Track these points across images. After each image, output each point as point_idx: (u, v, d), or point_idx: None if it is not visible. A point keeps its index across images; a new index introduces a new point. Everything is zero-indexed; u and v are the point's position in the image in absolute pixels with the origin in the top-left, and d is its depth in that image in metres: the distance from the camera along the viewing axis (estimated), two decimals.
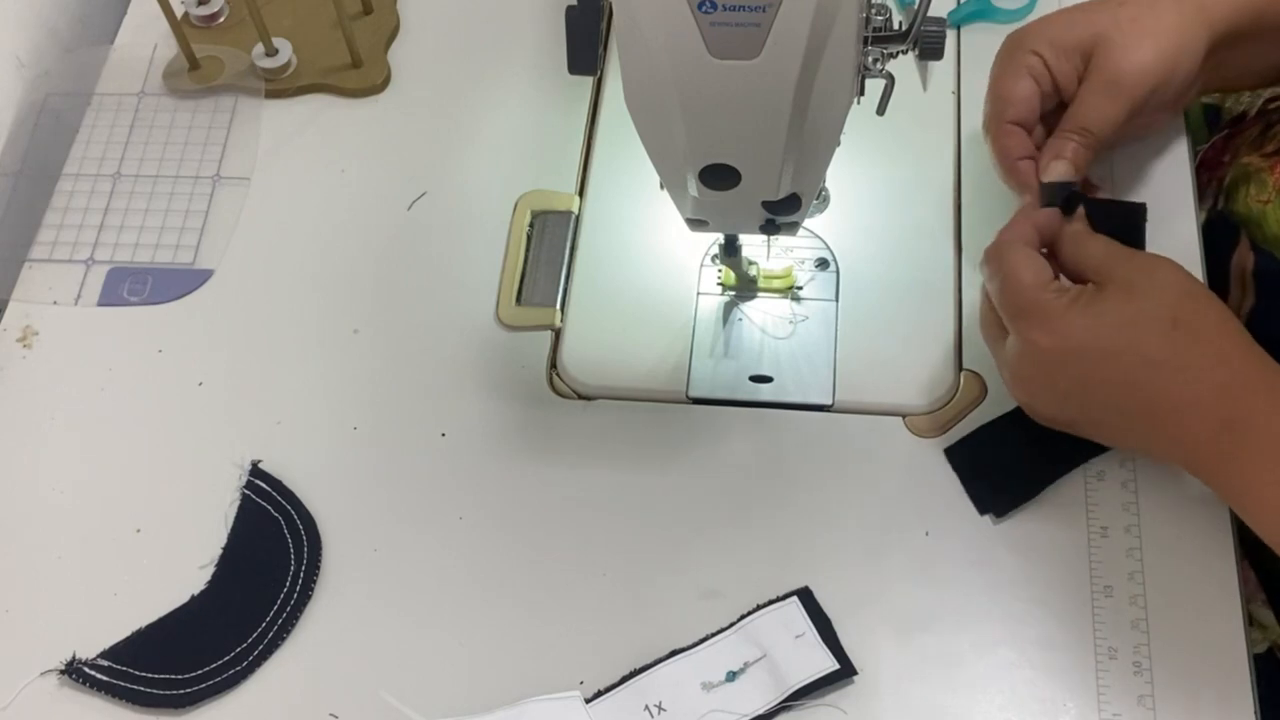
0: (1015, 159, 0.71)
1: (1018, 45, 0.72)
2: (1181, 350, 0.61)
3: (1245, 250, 0.74)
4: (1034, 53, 0.71)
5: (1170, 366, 0.61)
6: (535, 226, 0.80)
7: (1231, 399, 0.60)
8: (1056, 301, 0.62)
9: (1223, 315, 0.62)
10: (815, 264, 0.76)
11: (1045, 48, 0.71)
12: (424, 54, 0.87)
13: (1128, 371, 0.61)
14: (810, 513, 0.68)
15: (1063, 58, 0.70)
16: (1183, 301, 0.62)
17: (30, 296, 0.79)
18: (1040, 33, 0.71)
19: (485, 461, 0.71)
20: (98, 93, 0.87)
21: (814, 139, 0.56)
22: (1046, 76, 0.71)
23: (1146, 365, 0.61)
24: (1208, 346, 0.61)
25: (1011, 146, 0.71)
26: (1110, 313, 0.62)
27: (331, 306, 0.77)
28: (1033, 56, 0.71)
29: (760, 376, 0.73)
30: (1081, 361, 0.62)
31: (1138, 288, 0.62)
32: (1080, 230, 0.67)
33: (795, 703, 0.63)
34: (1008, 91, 0.71)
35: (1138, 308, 0.62)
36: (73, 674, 0.66)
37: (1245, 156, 0.77)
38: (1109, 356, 0.62)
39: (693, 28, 0.50)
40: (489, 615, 0.67)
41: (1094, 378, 0.62)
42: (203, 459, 0.72)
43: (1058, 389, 0.64)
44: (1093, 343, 0.62)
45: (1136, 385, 0.61)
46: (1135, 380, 0.61)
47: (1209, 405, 0.60)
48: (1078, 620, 0.64)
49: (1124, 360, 0.61)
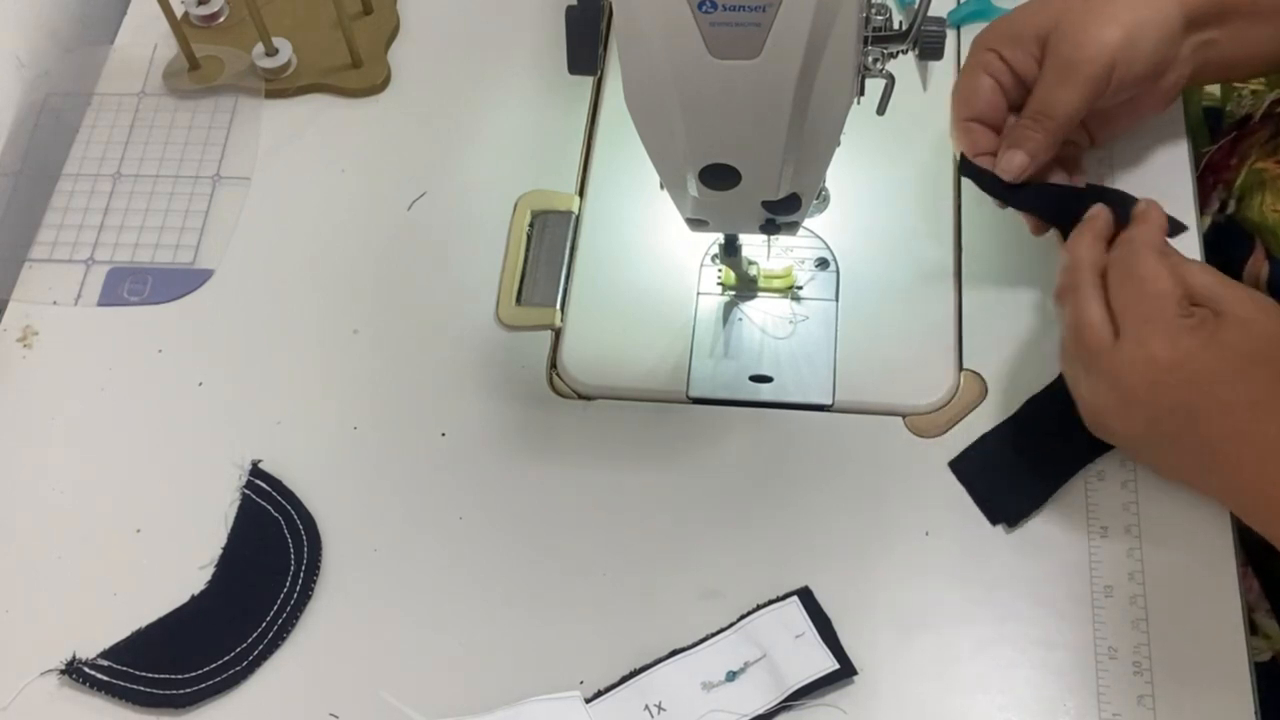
0: (974, 156, 0.71)
1: (976, 45, 0.72)
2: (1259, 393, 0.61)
3: (1260, 260, 0.74)
4: (990, 49, 0.71)
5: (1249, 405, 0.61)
6: (535, 226, 0.80)
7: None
8: (1186, 320, 0.62)
9: None
10: (815, 264, 0.76)
11: (1001, 43, 0.71)
12: (424, 54, 0.87)
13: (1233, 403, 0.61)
14: (810, 513, 0.68)
15: (1019, 49, 0.70)
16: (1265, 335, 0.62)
17: (30, 296, 0.79)
18: (997, 29, 0.72)
19: (485, 461, 0.71)
20: (98, 93, 0.87)
21: (814, 139, 0.56)
22: (1005, 71, 0.71)
23: (1251, 406, 0.61)
24: None
25: (970, 144, 0.72)
26: (1231, 345, 0.61)
27: (331, 306, 0.77)
28: (988, 54, 0.71)
29: (760, 376, 0.73)
30: (1191, 386, 0.61)
31: (1256, 327, 0.62)
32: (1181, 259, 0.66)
33: (795, 703, 0.63)
34: (964, 90, 0.72)
35: (1255, 348, 0.61)
36: (73, 674, 0.66)
37: (1259, 162, 0.76)
38: (1221, 383, 0.61)
39: (693, 28, 0.50)
40: (489, 615, 0.67)
41: (1198, 403, 0.61)
42: (203, 459, 0.72)
43: (1158, 406, 0.62)
44: (1207, 370, 0.61)
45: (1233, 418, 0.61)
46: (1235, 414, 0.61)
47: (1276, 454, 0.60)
48: (1078, 620, 0.64)
49: (1233, 393, 0.61)
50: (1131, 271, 0.64)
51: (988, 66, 0.71)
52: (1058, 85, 0.68)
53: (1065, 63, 0.68)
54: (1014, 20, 0.71)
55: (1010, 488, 0.68)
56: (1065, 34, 0.68)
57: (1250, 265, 0.74)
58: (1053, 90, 0.69)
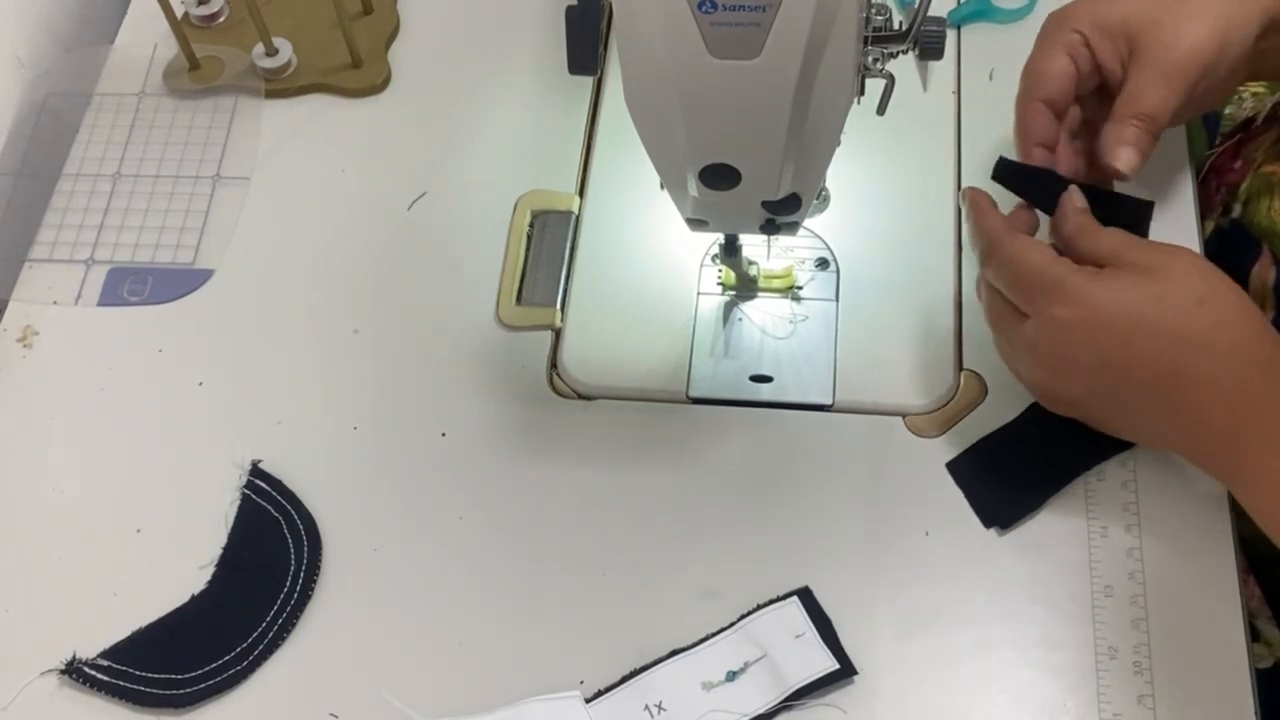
0: (1034, 144, 0.69)
1: (1058, 24, 0.69)
2: (1206, 329, 0.60)
3: (1267, 264, 0.74)
4: (1076, 31, 0.68)
5: (1195, 343, 0.60)
6: (535, 226, 0.80)
7: (1251, 383, 0.60)
8: (1077, 276, 0.62)
9: (1245, 300, 0.62)
10: (815, 264, 0.76)
11: (1088, 26, 0.68)
12: (424, 54, 0.87)
13: (1153, 344, 0.61)
14: (810, 513, 0.68)
15: (1106, 38, 0.68)
16: (1207, 282, 0.61)
17: (30, 296, 0.79)
18: (1084, 11, 0.69)
19: (485, 461, 0.71)
20: (98, 93, 0.87)
21: (814, 139, 0.56)
22: (1087, 56, 0.68)
23: (1173, 340, 0.60)
24: (1232, 330, 0.61)
25: (1034, 128, 0.69)
26: (1134, 288, 0.61)
27: (331, 306, 0.77)
28: (1074, 34, 0.68)
29: (760, 376, 0.73)
30: (1108, 333, 0.61)
31: (1158, 269, 0.61)
32: (1091, 222, 0.65)
33: (795, 702, 0.63)
34: (1042, 68, 0.69)
35: (1163, 286, 0.61)
36: (73, 674, 0.66)
37: (1266, 165, 0.76)
38: (1136, 330, 0.61)
39: (693, 28, 0.50)
40: (489, 615, 0.67)
41: (1118, 351, 0.62)
42: (203, 459, 0.72)
43: (1080, 364, 0.63)
44: (1119, 315, 0.61)
45: (1160, 360, 0.61)
46: (1160, 354, 0.61)
47: (1229, 387, 0.60)
48: (1078, 620, 0.64)
49: (1150, 333, 0.61)
50: (1001, 258, 0.64)
51: (1071, 48, 0.68)
52: (1159, 85, 0.66)
53: (1164, 62, 0.66)
54: (1102, 7, 0.68)
55: (1007, 491, 0.68)
56: (1160, 34, 0.66)
57: (1257, 270, 0.74)
58: (1154, 91, 0.66)
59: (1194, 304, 0.61)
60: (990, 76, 0.81)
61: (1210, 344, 0.60)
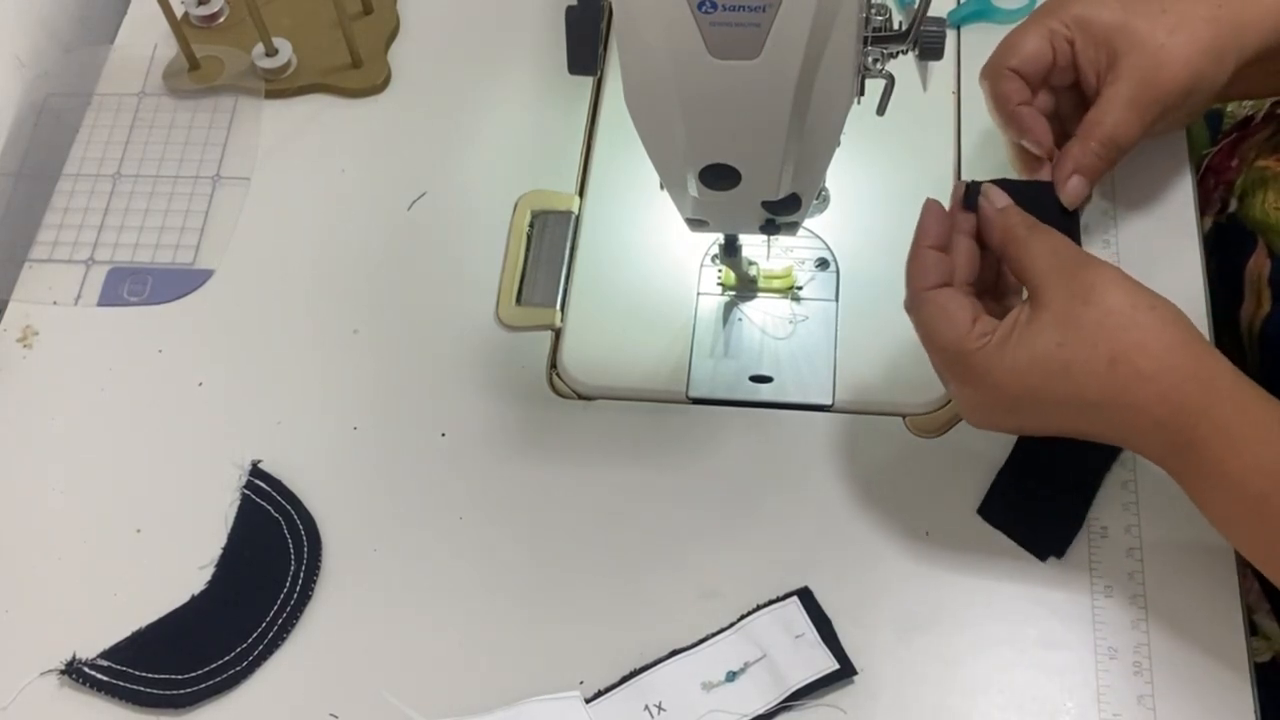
0: (1014, 104, 0.69)
1: (1049, 10, 0.69)
2: (1121, 390, 0.58)
3: (1262, 257, 0.74)
4: (1063, 24, 0.68)
5: (1112, 406, 0.59)
6: (535, 226, 0.80)
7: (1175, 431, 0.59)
8: (981, 353, 0.60)
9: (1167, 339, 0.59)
10: (815, 264, 0.76)
11: (1075, 25, 0.68)
12: (424, 54, 0.87)
13: (1068, 411, 0.60)
14: (810, 513, 0.68)
15: (1089, 43, 0.67)
16: (1123, 334, 0.58)
17: (30, 296, 0.79)
18: (1076, 7, 0.68)
19: (485, 461, 0.71)
20: (98, 93, 0.87)
21: (814, 139, 0.56)
22: (1067, 51, 0.68)
23: (1087, 407, 0.59)
24: (1149, 385, 0.58)
25: (1010, 92, 0.69)
26: (1043, 359, 0.58)
27: (331, 306, 0.77)
28: (1060, 25, 0.68)
29: (760, 376, 0.73)
30: (1020, 406, 0.61)
31: (1073, 320, 0.58)
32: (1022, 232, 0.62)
33: (795, 703, 0.63)
34: (1018, 42, 0.69)
35: (1073, 352, 0.58)
36: (73, 674, 0.66)
37: (1261, 161, 0.76)
38: (1047, 404, 0.60)
39: (693, 28, 0.50)
40: (489, 615, 0.67)
41: (1037, 416, 0.61)
42: (203, 459, 0.72)
43: (1009, 425, 0.64)
44: (1028, 393, 0.59)
45: (1081, 421, 0.61)
46: (1078, 418, 0.61)
47: (1154, 437, 0.60)
48: (1078, 620, 0.64)
49: (1063, 404, 0.60)
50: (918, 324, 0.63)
51: (1053, 34, 0.68)
52: (1129, 116, 0.66)
53: (1138, 96, 0.66)
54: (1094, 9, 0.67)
55: (1045, 519, 0.67)
56: (1142, 64, 0.66)
57: (1252, 263, 0.74)
58: (1124, 121, 0.66)
59: (1107, 366, 0.58)
60: None
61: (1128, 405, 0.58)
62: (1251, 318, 0.75)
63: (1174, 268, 0.73)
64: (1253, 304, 0.75)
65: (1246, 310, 0.75)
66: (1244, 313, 0.76)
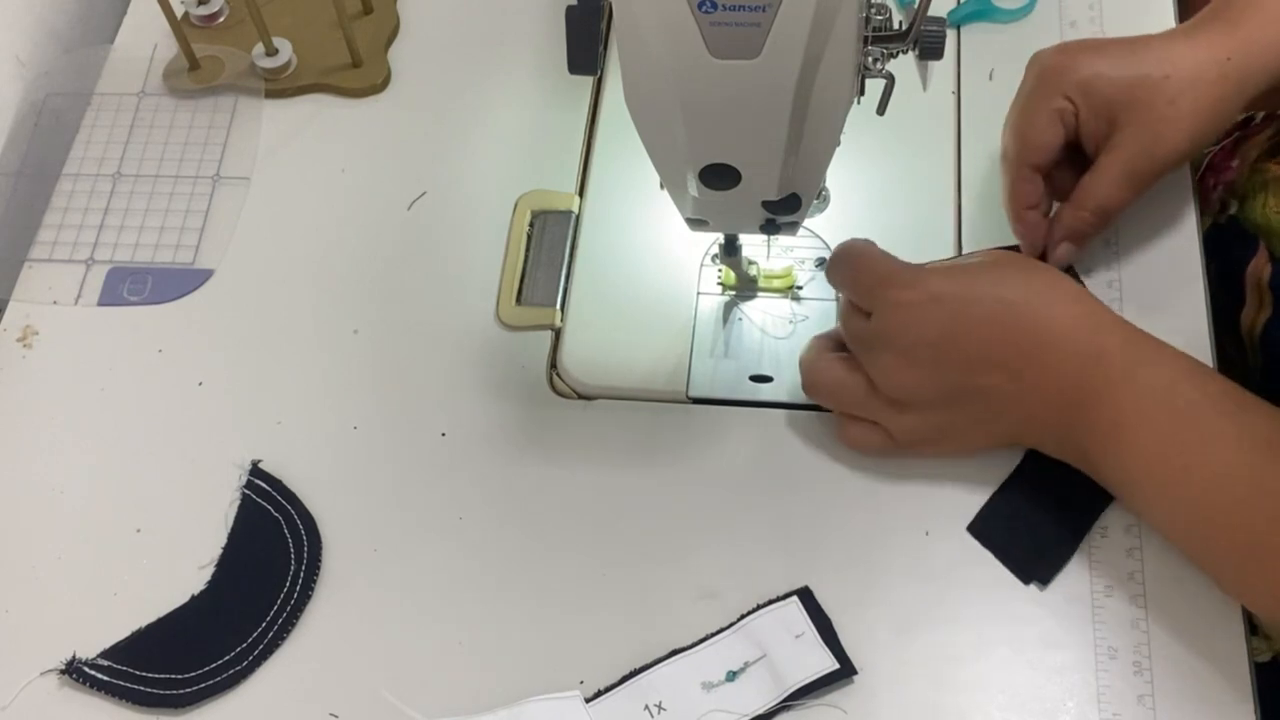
0: (1025, 207, 0.71)
1: (1052, 84, 0.69)
2: (1039, 290, 0.63)
3: (1263, 260, 0.74)
4: (1067, 98, 0.69)
5: (1031, 303, 0.63)
6: (535, 226, 0.80)
7: (1093, 331, 0.62)
8: (909, 266, 0.66)
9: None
10: (815, 264, 0.76)
11: (1079, 95, 0.68)
12: (424, 54, 0.87)
13: (990, 311, 0.63)
14: (810, 513, 0.68)
15: (1092, 115, 0.69)
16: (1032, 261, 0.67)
17: (30, 296, 0.79)
18: (1077, 73, 0.68)
19: (485, 461, 0.71)
20: (98, 93, 0.87)
21: (814, 139, 0.56)
22: (1073, 125, 0.70)
23: (1008, 305, 0.63)
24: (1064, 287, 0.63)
25: (1026, 194, 0.71)
26: (964, 270, 0.65)
27: (331, 306, 0.77)
28: (1065, 102, 0.69)
29: (760, 376, 0.73)
30: (946, 307, 0.63)
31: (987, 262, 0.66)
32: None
33: (795, 702, 0.63)
34: (1036, 137, 0.70)
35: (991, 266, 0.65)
36: (73, 674, 0.66)
37: (1262, 162, 0.76)
38: (970, 301, 0.64)
39: (693, 28, 0.50)
40: (489, 615, 0.67)
41: (959, 324, 0.63)
42: (203, 459, 0.72)
43: (925, 340, 0.64)
44: (953, 290, 0.64)
45: (1001, 323, 0.63)
46: (999, 318, 0.63)
47: (1075, 336, 0.62)
48: (1078, 620, 0.64)
49: (985, 301, 0.63)
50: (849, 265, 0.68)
51: (1064, 115, 0.69)
52: (1124, 186, 0.69)
53: (1136, 167, 0.68)
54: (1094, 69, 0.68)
55: (1036, 544, 0.66)
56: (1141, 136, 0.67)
57: (1253, 266, 0.74)
58: (1118, 192, 0.69)
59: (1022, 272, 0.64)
60: (990, 76, 0.81)
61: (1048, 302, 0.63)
62: (1253, 321, 0.75)
63: (1174, 269, 0.73)
64: (1254, 307, 0.75)
65: (1247, 313, 0.75)
66: (1245, 316, 0.76)
